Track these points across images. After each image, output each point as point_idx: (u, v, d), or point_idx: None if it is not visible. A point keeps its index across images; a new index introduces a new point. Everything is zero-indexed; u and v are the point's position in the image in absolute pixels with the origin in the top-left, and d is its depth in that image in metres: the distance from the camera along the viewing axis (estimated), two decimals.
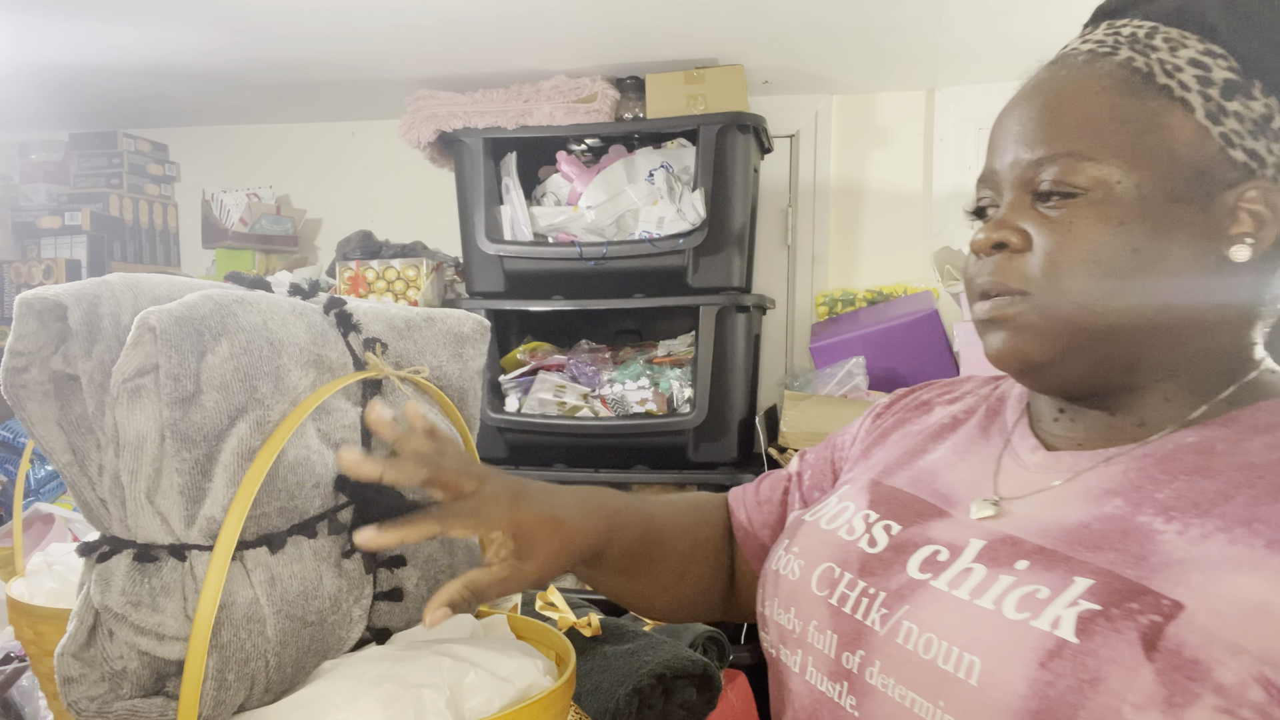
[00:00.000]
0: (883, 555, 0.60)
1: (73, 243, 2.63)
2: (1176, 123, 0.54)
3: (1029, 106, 0.59)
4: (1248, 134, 0.55)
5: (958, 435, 0.69)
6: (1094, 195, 0.55)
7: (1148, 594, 0.47)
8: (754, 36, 1.98)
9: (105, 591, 0.61)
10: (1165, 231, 0.54)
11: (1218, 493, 0.51)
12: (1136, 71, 0.56)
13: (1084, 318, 0.55)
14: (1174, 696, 0.44)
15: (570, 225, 2.11)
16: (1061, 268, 0.55)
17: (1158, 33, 0.57)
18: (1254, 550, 0.47)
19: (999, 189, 0.60)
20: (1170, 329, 0.56)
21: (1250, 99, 0.55)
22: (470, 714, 0.65)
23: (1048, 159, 0.56)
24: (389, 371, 0.74)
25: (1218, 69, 0.55)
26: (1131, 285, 0.54)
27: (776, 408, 2.37)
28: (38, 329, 0.64)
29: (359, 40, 1.99)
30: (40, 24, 1.88)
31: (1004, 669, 0.49)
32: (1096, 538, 0.52)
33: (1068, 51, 0.60)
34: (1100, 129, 0.55)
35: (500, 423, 2.09)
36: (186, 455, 0.61)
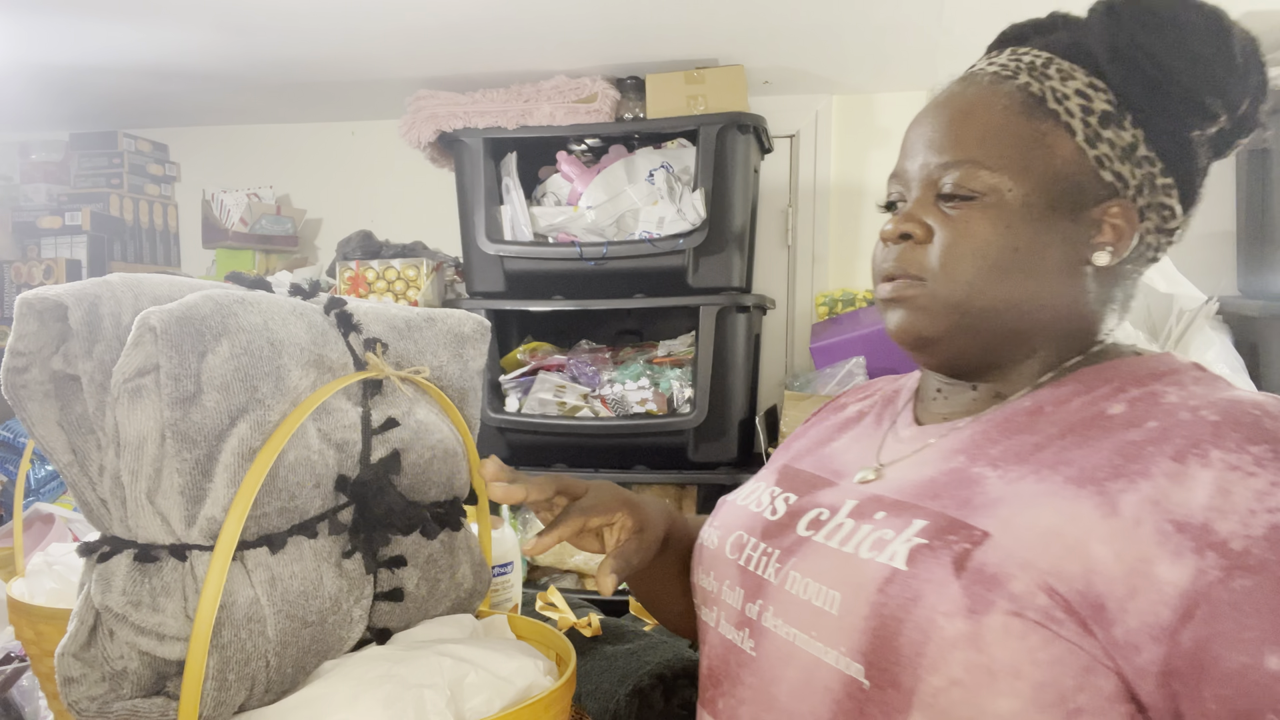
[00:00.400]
0: (780, 521, 0.71)
1: (73, 243, 2.63)
2: (1060, 143, 0.64)
3: (939, 116, 0.69)
4: (1117, 159, 0.64)
5: (859, 425, 0.80)
6: (988, 200, 0.64)
7: (965, 527, 0.57)
8: (754, 36, 1.98)
9: (106, 591, 0.61)
10: (1043, 235, 0.64)
11: (1036, 444, 0.61)
12: (1031, 95, 0.65)
13: (969, 302, 0.65)
14: (975, 605, 0.53)
15: (570, 225, 2.11)
16: (954, 259, 0.65)
17: (1052, 63, 0.66)
18: (1053, 486, 0.57)
19: (908, 186, 0.70)
20: (1038, 315, 0.65)
21: (1121, 129, 0.64)
22: (470, 714, 0.65)
23: (952, 164, 0.66)
24: (389, 372, 0.74)
25: (1098, 100, 0.64)
26: (1011, 277, 0.64)
27: (776, 408, 2.37)
28: (38, 329, 0.64)
29: (359, 40, 1.99)
30: (40, 24, 1.88)
31: (854, 598, 0.59)
32: (938, 488, 0.62)
33: (975, 71, 0.70)
34: (997, 142, 0.65)
35: (500, 423, 2.09)
36: (187, 455, 0.61)
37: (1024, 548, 0.54)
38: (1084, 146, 0.64)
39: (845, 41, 2.02)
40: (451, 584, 0.80)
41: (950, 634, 0.54)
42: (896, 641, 0.56)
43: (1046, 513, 0.55)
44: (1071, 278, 0.65)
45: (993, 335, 0.66)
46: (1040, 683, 0.52)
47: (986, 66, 0.69)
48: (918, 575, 0.56)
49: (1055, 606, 0.52)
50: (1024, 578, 0.53)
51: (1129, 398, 0.60)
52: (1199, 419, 0.55)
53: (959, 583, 0.54)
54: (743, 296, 2.06)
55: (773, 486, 0.76)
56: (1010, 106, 0.65)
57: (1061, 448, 0.59)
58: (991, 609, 0.53)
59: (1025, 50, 0.68)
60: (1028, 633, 0.52)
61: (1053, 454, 0.59)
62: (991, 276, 0.64)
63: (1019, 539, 0.55)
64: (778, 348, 2.52)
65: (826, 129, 2.44)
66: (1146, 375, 0.62)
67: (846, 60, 2.16)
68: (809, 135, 2.46)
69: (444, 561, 0.79)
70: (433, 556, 0.78)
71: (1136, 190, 0.65)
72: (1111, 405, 0.61)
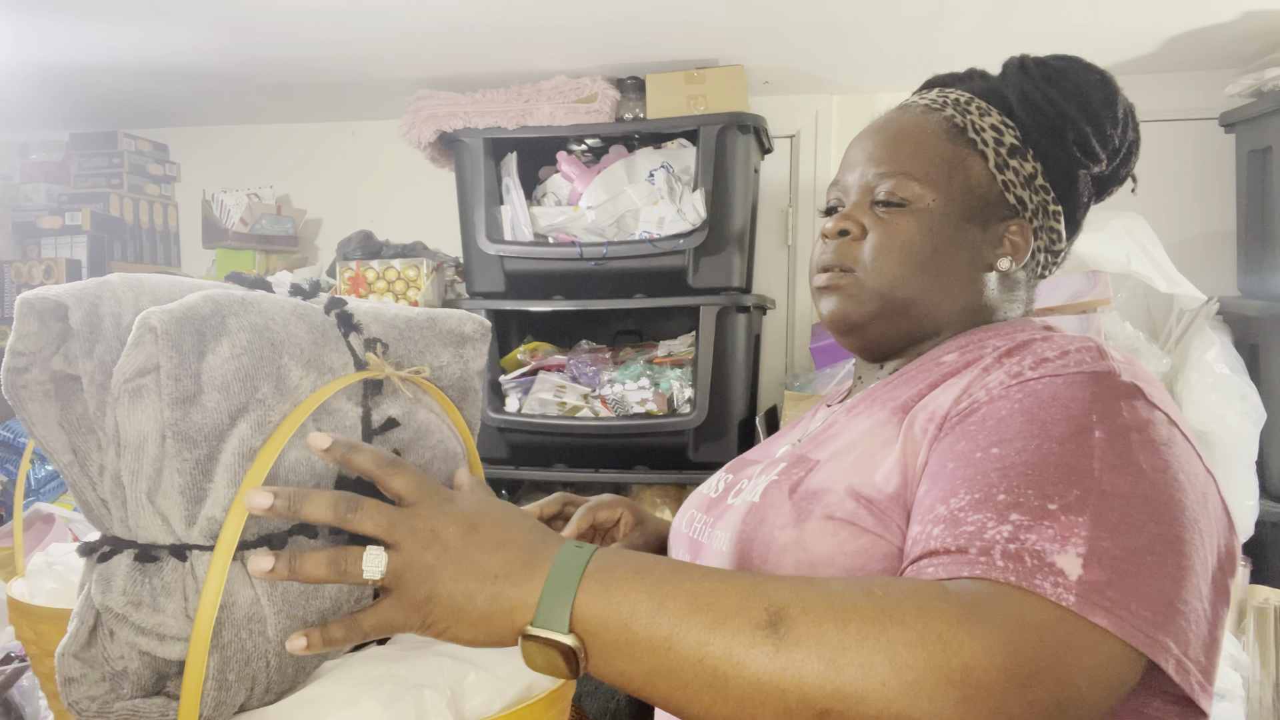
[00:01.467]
0: (718, 496, 0.82)
1: (73, 243, 2.63)
2: (975, 166, 0.78)
3: (878, 136, 0.81)
4: (1020, 185, 0.79)
5: (806, 419, 0.91)
6: (914, 207, 0.77)
7: (807, 460, 0.72)
8: (754, 36, 1.98)
9: (106, 591, 0.61)
10: (956, 240, 0.77)
11: (884, 390, 0.74)
12: (955, 125, 0.79)
13: (892, 291, 0.77)
14: (799, 516, 0.67)
15: (570, 225, 2.11)
16: (883, 254, 0.77)
17: (973, 102, 0.81)
18: (877, 417, 0.71)
19: (847, 193, 0.82)
20: (946, 306, 0.78)
21: (1025, 160, 0.79)
22: (471, 714, 0.65)
23: (887, 174, 0.78)
24: (390, 372, 0.74)
25: (1008, 135, 0.79)
26: (928, 273, 0.77)
27: (776, 408, 2.37)
28: (39, 329, 0.64)
29: (359, 40, 1.99)
30: (40, 24, 1.88)
31: (729, 533, 0.73)
32: (811, 441, 0.76)
33: (909, 103, 0.83)
34: (925, 160, 0.78)
35: (500, 423, 2.09)
36: (187, 455, 0.61)
37: (841, 468, 0.68)
38: (994, 171, 0.78)
39: (845, 41, 2.02)
40: None
41: (782, 541, 0.67)
42: (750, 555, 0.69)
43: (864, 438, 0.69)
44: (976, 279, 0.78)
45: (907, 321, 0.78)
46: (849, 567, 0.64)
47: (919, 100, 0.83)
48: (765, 503, 0.71)
49: (859, 508, 0.65)
50: (837, 489, 0.66)
51: (962, 349, 0.73)
52: (995, 349, 0.68)
53: (790, 502, 0.68)
54: (743, 296, 2.06)
55: (724, 472, 0.89)
56: (937, 132, 0.79)
57: (893, 388, 0.73)
58: (810, 516, 0.66)
59: (952, 90, 0.82)
60: (838, 530, 0.65)
61: (886, 393, 0.73)
62: (912, 271, 0.76)
63: (839, 461, 0.69)
64: (778, 348, 2.52)
65: (826, 129, 2.44)
66: (990, 335, 0.74)
67: (846, 60, 2.16)
68: (809, 135, 2.46)
69: None
70: None
71: (1033, 213, 0.79)
72: (946, 355, 0.73)
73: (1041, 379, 0.61)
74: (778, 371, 2.49)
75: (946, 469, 0.60)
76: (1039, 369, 0.62)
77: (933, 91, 0.84)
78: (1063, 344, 0.64)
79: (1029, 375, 0.62)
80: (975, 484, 0.57)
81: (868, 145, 0.81)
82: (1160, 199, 2.23)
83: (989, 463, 0.58)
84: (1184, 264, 1.86)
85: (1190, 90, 2.19)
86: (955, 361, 0.71)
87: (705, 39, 1.99)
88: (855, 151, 0.83)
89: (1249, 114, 1.96)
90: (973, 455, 0.59)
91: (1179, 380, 1.79)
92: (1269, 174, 1.90)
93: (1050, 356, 0.63)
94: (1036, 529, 0.53)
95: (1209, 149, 2.21)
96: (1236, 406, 1.73)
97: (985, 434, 0.60)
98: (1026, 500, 0.55)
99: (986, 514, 0.55)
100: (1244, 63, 2.08)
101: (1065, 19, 1.82)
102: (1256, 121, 1.95)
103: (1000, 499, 0.55)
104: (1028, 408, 0.60)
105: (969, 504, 0.56)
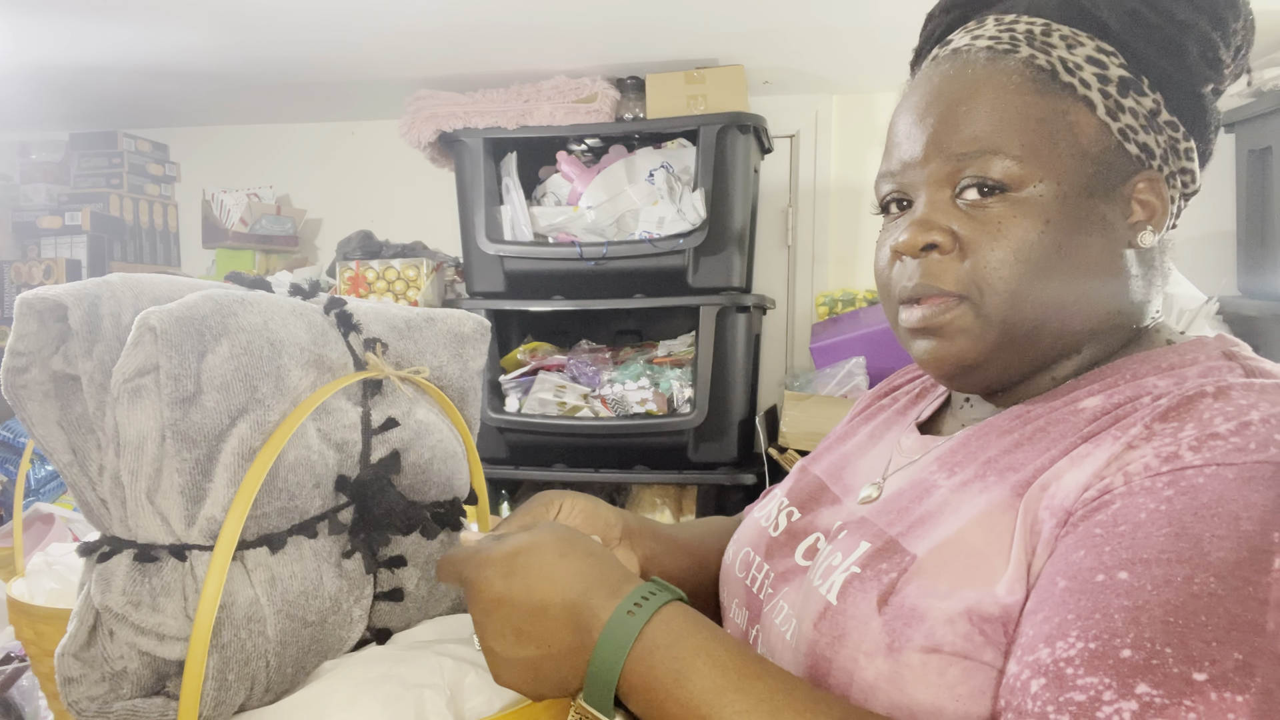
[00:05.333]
0: (780, 539, 0.67)
1: (73, 243, 2.63)
2: (1082, 120, 0.57)
3: (938, 103, 0.59)
4: (1140, 128, 0.58)
5: (882, 418, 0.74)
6: (1018, 195, 0.56)
7: (898, 551, 0.54)
8: (754, 36, 1.98)
9: (106, 591, 0.61)
10: (1083, 226, 0.56)
11: (1003, 450, 0.56)
12: (1040, 70, 0.57)
13: (1015, 314, 0.57)
14: (894, 642, 0.50)
15: (570, 225, 2.11)
16: (994, 267, 0.56)
17: (1053, 30, 0.58)
18: (994, 494, 0.53)
19: (912, 186, 0.61)
20: (1086, 315, 0.58)
21: (1141, 95, 0.57)
22: (470, 714, 0.65)
23: (969, 156, 0.57)
24: (389, 372, 0.74)
25: (1113, 66, 0.57)
26: (1056, 279, 0.56)
27: (776, 408, 2.37)
28: (38, 329, 0.64)
29: (359, 40, 1.99)
30: (40, 24, 1.87)
31: (800, 631, 0.57)
32: (900, 502, 0.58)
33: (961, 48, 0.61)
34: (1016, 127, 0.56)
35: (500, 423, 2.09)
36: (187, 455, 0.61)
37: (949, 574, 0.51)
38: (1107, 120, 0.57)
39: (845, 41, 2.02)
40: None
41: (871, 675, 0.51)
42: (828, 681, 0.54)
43: (979, 527, 0.52)
44: (1114, 266, 0.58)
45: (1038, 347, 0.58)
46: (962, 717, 0.49)
47: (974, 42, 0.60)
48: (845, 611, 0.54)
49: (975, 632, 0.49)
50: (943, 607, 0.50)
51: (1112, 391, 0.55)
52: (1154, 407, 0.50)
53: (881, 619, 0.52)
54: (743, 296, 2.06)
55: (782, 498, 0.72)
56: (1021, 85, 0.57)
57: (1019, 448, 0.55)
58: (908, 645, 0.50)
59: (1012, 18, 0.60)
60: (946, 667, 0.49)
61: (1010, 457, 0.55)
62: (1036, 281, 0.56)
63: (944, 561, 0.52)
64: (778, 348, 2.52)
65: (826, 129, 2.44)
66: (1149, 369, 0.56)
67: (846, 60, 2.16)
68: (809, 135, 2.45)
69: None
70: (433, 556, 0.78)
71: (1163, 158, 0.59)
72: (1089, 399, 0.55)
73: (1205, 468, 0.45)
74: (778, 371, 2.49)
75: (1057, 588, 0.46)
76: (1203, 450, 0.45)
77: (988, 24, 0.61)
78: (1245, 404, 0.47)
79: (1187, 460, 0.46)
80: (1093, 625, 0.43)
81: (929, 119, 0.59)
82: None
83: (1114, 594, 0.43)
84: (1184, 264, 1.86)
85: None
86: (1097, 408, 0.54)
87: (705, 39, 1.99)
88: (908, 127, 0.61)
89: (1249, 114, 1.96)
90: (1093, 576, 0.44)
91: None
92: (1269, 174, 1.90)
93: (1222, 431, 0.46)
94: (1173, 711, 0.39)
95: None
96: None
97: (1114, 546, 0.45)
98: (1163, 663, 0.40)
99: (1103, 677, 0.41)
100: None
101: None
102: (1256, 121, 1.95)
103: (1125, 656, 0.41)
104: (1178, 514, 0.44)
105: (1082, 656, 0.42)
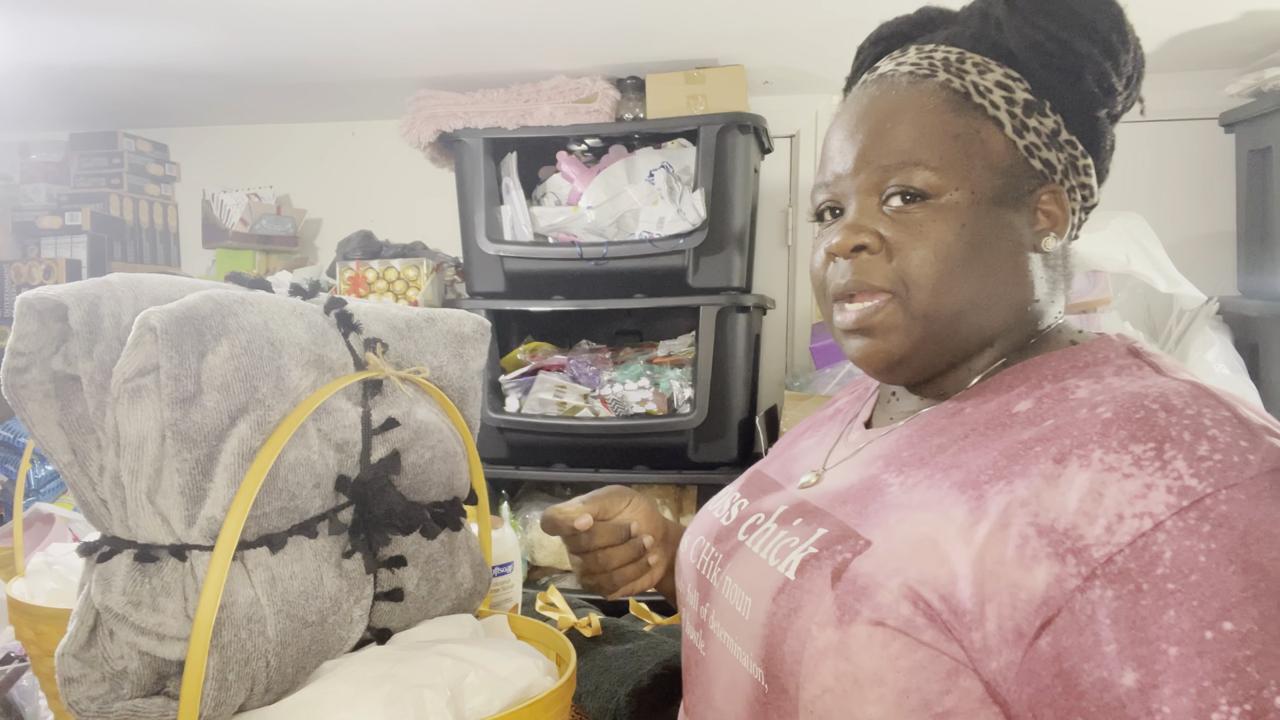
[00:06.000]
0: (730, 526, 0.72)
1: (73, 243, 2.63)
2: (992, 137, 0.65)
3: (869, 122, 0.67)
4: (1043, 145, 0.65)
5: (828, 425, 0.81)
6: (937, 200, 0.64)
7: (853, 536, 0.59)
8: (754, 36, 1.98)
9: (106, 591, 0.61)
10: (994, 229, 0.64)
11: (940, 447, 0.62)
12: (955, 92, 0.65)
13: (938, 307, 0.64)
14: (844, 615, 0.55)
15: (570, 225, 2.11)
16: (918, 264, 0.64)
17: (966, 58, 0.66)
18: (940, 491, 0.58)
19: (843, 195, 0.68)
20: (997, 310, 0.65)
21: (1044, 116, 0.65)
22: (471, 714, 0.65)
23: (894, 167, 0.65)
24: (389, 372, 0.74)
25: (1018, 90, 0.65)
26: (972, 276, 0.64)
27: (776, 408, 2.37)
28: (38, 329, 0.64)
29: (359, 40, 1.99)
30: (40, 24, 1.88)
31: (757, 605, 0.61)
32: (851, 494, 0.64)
33: (886, 73, 0.70)
34: (935, 142, 0.64)
35: (500, 423, 2.09)
36: (187, 455, 0.61)
37: (897, 556, 0.56)
38: (1013, 137, 0.65)
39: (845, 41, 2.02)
40: (451, 584, 0.80)
41: (821, 644, 0.56)
42: (782, 649, 0.58)
43: (926, 518, 0.57)
44: (1023, 268, 0.66)
45: (957, 339, 0.66)
46: (904, 689, 0.53)
47: (897, 68, 0.69)
48: (802, 586, 0.59)
49: (918, 613, 0.53)
50: (891, 586, 0.54)
51: (1039, 394, 0.60)
52: (1094, 416, 0.54)
53: (833, 593, 0.57)
54: (743, 296, 2.06)
55: (734, 492, 0.79)
56: (938, 105, 0.65)
57: (960, 450, 0.60)
58: (857, 618, 0.55)
59: (932, 48, 0.68)
60: (889, 641, 0.53)
61: (949, 457, 0.60)
62: (955, 277, 0.63)
63: (894, 548, 0.56)
64: (778, 348, 2.52)
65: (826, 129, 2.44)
66: (1067, 369, 0.62)
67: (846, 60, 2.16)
68: (809, 135, 2.46)
69: (444, 561, 0.79)
70: (433, 556, 0.78)
71: (1064, 173, 0.67)
72: (1020, 403, 0.61)
73: (1218, 493, 0.48)
74: (778, 371, 2.49)
75: (1168, 657, 0.46)
76: (1204, 476, 0.49)
77: (910, 52, 0.70)
78: (1190, 415, 0.51)
79: (1200, 490, 0.48)
80: (1235, 687, 0.45)
81: (858, 135, 0.68)
82: (1160, 199, 2.23)
83: (1232, 647, 0.45)
84: (1184, 264, 1.86)
85: (1190, 90, 2.19)
86: (1031, 412, 0.59)
87: (705, 39, 1.99)
88: (841, 143, 0.69)
89: (1249, 114, 1.96)
90: (1201, 635, 0.45)
91: None
92: (1269, 174, 1.90)
93: (1203, 451, 0.50)
94: None
95: (1209, 149, 2.21)
96: None
97: (1201, 601, 0.46)
98: None
99: None
100: (1244, 63, 2.08)
101: None
102: (1256, 121, 1.95)
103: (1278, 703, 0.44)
104: (1231, 549, 0.47)
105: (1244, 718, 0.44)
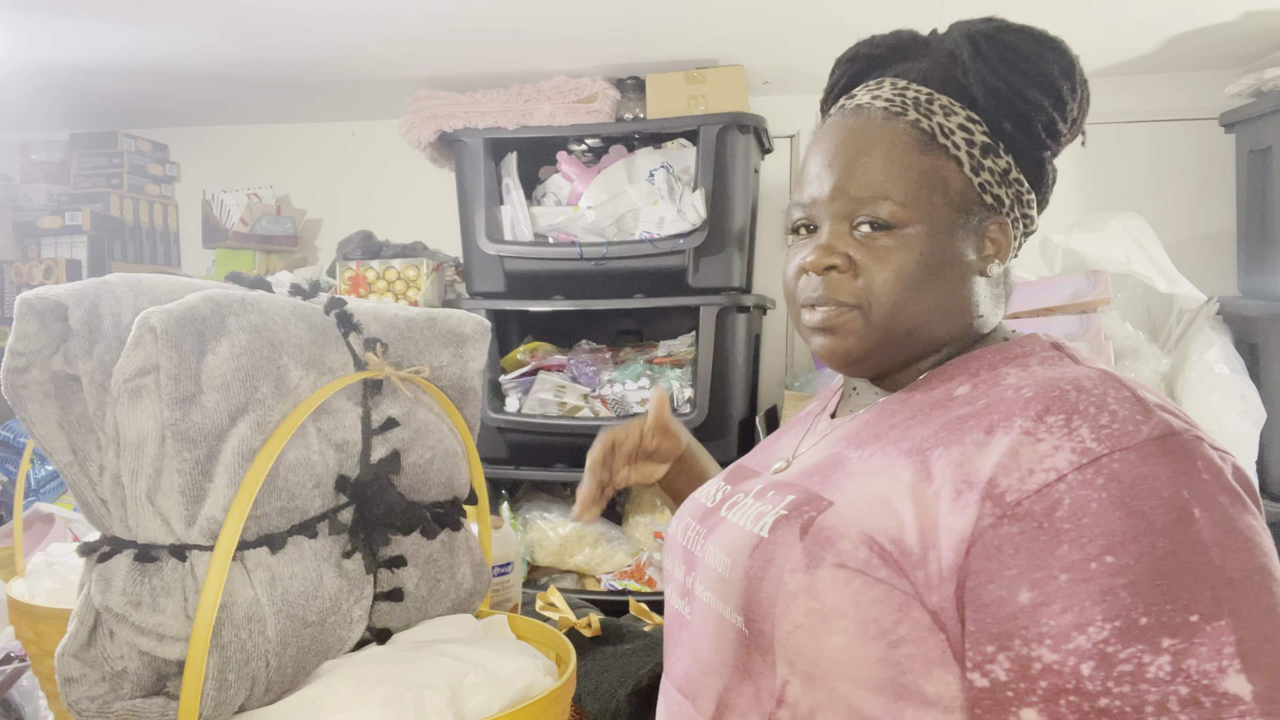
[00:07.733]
0: (713, 507, 0.81)
1: (73, 243, 2.63)
2: (951, 175, 0.75)
3: (845, 153, 0.77)
4: (995, 183, 0.75)
5: (801, 423, 0.91)
6: (901, 230, 0.73)
7: (818, 499, 0.70)
8: (754, 36, 1.98)
9: (106, 592, 0.61)
10: (948, 257, 0.74)
11: (891, 425, 0.73)
12: (923, 131, 0.75)
13: (895, 321, 0.74)
14: (810, 561, 0.65)
15: (570, 225, 2.11)
16: (880, 285, 0.74)
17: (935, 100, 0.76)
18: (890, 458, 0.68)
19: (819, 218, 0.78)
20: (945, 322, 0.76)
21: (998, 157, 0.75)
22: (471, 714, 0.65)
23: (866, 200, 0.74)
24: (389, 371, 0.74)
25: (977, 133, 0.75)
26: (926, 295, 0.74)
27: (776, 408, 2.37)
28: (38, 329, 0.64)
29: (359, 40, 1.99)
30: (40, 24, 1.88)
31: (736, 563, 0.71)
32: (818, 470, 0.74)
33: (863, 105, 0.79)
34: (901, 180, 0.74)
35: (500, 423, 2.09)
36: (187, 455, 0.61)
37: (855, 512, 0.66)
38: (970, 176, 0.75)
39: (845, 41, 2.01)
40: (451, 584, 0.80)
41: (792, 587, 0.65)
42: (759, 596, 0.67)
43: (879, 480, 0.67)
44: (969, 289, 0.76)
45: (910, 346, 0.76)
46: (863, 620, 0.62)
47: (873, 101, 0.79)
48: (775, 541, 0.68)
49: (874, 556, 0.63)
50: (850, 535, 0.64)
51: (976, 381, 0.71)
52: (1018, 396, 0.65)
53: (802, 544, 0.66)
54: (743, 296, 2.06)
55: (719, 480, 0.87)
56: (908, 144, 0.75)
57: (908, 426, 0.71)
58: (822, 563, 0.64)
59: (905, 85, 0.79)
60: (850, 580, 0.63)
61: (899, 432, 0.71)
62: (911, 296, 0.74)
63: (853, 505, 0.67)
64: (778, 348, 2.52)
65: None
66: (1000, 360, 0.73)
67: None
68: (809, 135, 2.45)
69: (444, 561, 0.79)
70: (433, 556, 0.78)
71: (1010, 207, 0.77)
72: (960, 388, 0.72)
73: (1113, 454, 0.58)
74: (778, 371, 2.49)
75: (1058, 581, 0.56)
76: (1103, 441, 0.59)
77: (884, 87, 0.80)
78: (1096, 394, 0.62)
79: (1097, 451, 0.58)
80: (1110, 607, 0.55)
81: (835, 166, 0.77)
82: (1160, 199, 2.23)
83: (1110, 576, 0.55)
84: (1184, 264, 1.86)
85: (1190, 90, 2.19)
86: (968, 395, 0.70)
87: (705, 39, 1.99)
88: (819, 170, 0.79)
89: (1249, 114, 1.96)
90: (1086, 566, 0.56)
91: (1179, 380, 1.79)
92: (1269, 174, 1.90)
93: (1104, 421, 0.60)
94: (1193, 652, 0.52)
95: (1209, 149, 2.21)
96: (1236, 406, 1.73)
97: (1088, 537, 0.56)
98: (1169, 618, 0.53)
99: (1136, 645, 0.53)
100: (1244, 63, 2.08)
101: (1065, 19, 1.82)
102: (1256, 121, 1.95)
103: (1144, 623, 0.54)
104: (1119, 498, 0.57)
105: (1114, 635, 0.54)
